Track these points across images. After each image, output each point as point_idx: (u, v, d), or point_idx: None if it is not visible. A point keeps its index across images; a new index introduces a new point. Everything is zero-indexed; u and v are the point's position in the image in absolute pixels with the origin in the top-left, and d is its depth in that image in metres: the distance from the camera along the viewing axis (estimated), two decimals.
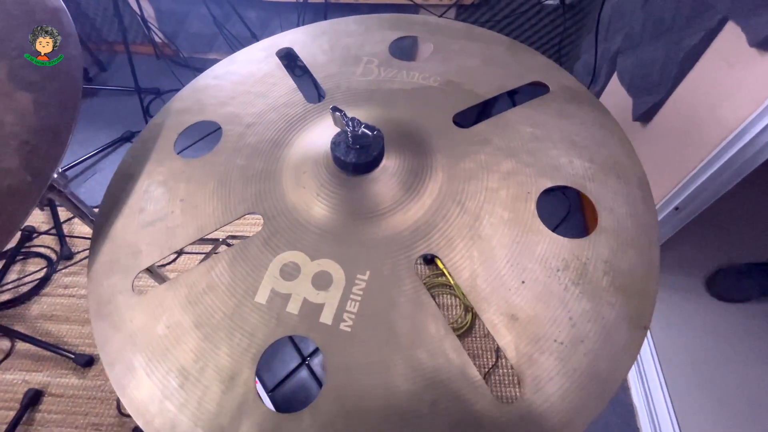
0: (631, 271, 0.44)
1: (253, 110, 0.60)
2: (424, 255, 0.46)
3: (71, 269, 1.34)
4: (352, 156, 0.48)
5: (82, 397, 1.13)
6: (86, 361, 1.16)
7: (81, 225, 1.42)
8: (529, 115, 0.56)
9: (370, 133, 0.47)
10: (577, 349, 0.41)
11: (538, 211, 0.48)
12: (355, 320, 0.44)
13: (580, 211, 1.44)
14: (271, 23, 1.71)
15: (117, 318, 0.47)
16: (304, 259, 0.47)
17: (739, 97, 0.82)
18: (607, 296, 0.43)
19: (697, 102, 0.94)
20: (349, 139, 0.47)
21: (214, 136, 0.59)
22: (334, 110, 0.46)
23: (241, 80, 0.64)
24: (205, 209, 0.52)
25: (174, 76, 1.74)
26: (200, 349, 0.44)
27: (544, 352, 0.41)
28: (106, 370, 0.44)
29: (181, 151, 0.56)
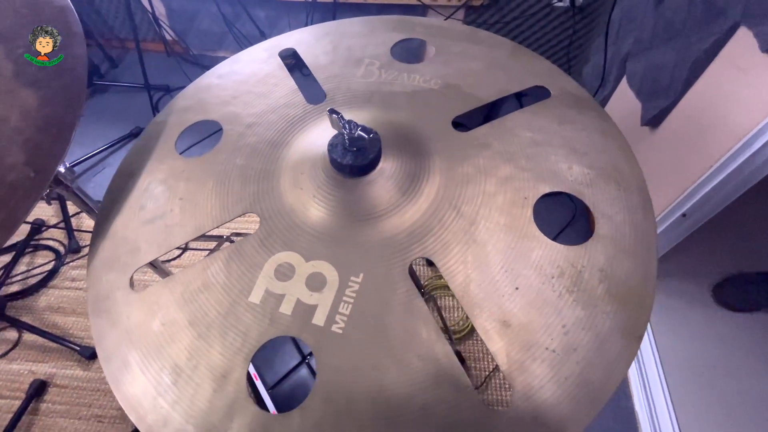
0: (628, 280, 0.44)
1: (254, 110, 0.60)
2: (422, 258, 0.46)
3: (78, 262, 1.36)
4: (348, 158, 0.48)
5: (86, 389, 1.15)
6: (91, 354, 1.18)
7: (89, 219, 1.44)
8: (530, 120, 0.55)
9: (366, 135, 0.47)
10: (570, 358, 0.41)
11: (544, 215, 0.48)
12: (348, 322, 0.44)
13: (586, 217, 1.43)
14: (280, 22, 1.72)
15: (114, 314, 0.47)
16: (299, 260, 0.47)
17: (750, 104, 0.81)
18: (602, 305, 0.43)
19: (707, 107, 0.92)
20: (346, 141, 0.47)
21: (216, 135, 0.59)
22: (331, 112, 0.46)
23: (243, 80, 0.64)
24: (204, 208, 0.52)
25: (183, 74, 1.76)
26: (194, 347, 0.44)
27: (536, 360, 0.41)
28: (102, 365, 0.45)
29: (184, 151, 0.57)
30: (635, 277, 0.44)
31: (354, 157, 0.48)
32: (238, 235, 1.07)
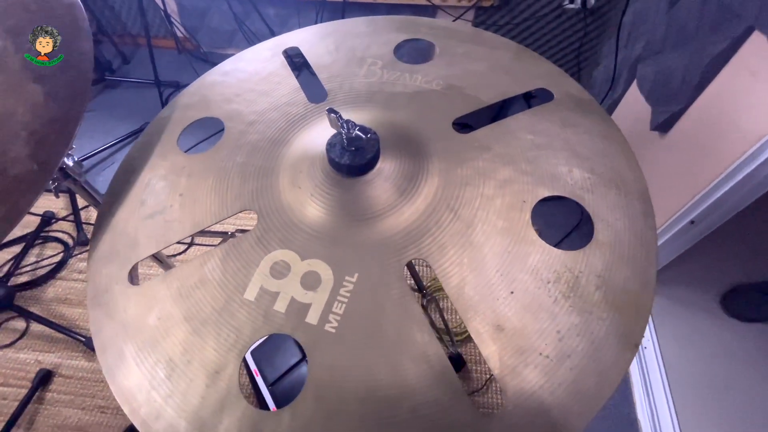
0: (625, 287, 0.43)
1: (256, 108, 0.60)
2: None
3: (86, 255, 1.38)
4: (346, 158, 0.48)
5: (91, 380, 1.17)
6: None
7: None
8: (532, 123, 0.55)
9: (364, 135, 0.46)
10: (563, 364, 0.40)
11: (548, 219, 0.47)
12: (341, 322, 0.44)
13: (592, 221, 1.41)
14: (290, 21, 1.72)
15: (112, 307, 0.48)
16: (295, 258, 0.47)
17: (763, 109, 0.79)
18: (598, 311, 0.42)
19: (719, 113, 0.90)
20: (344, 140, 0.47)
21: (219, 133, 0.60)
22: (330, 111, 0.46)
23: (246, 78, 0.64)
24: (203, 204, 0.53)
25: (194, 71, 1.77)
26: (188, 342, 0.44)
27: (529, 365, 0.40)
28: (98, 357, 0.45)
29: (189, 150, 0.57)
30: (633, 284, 0.43)
31: (352, 157, 0.48)
32: (243, 231, 1.07)
